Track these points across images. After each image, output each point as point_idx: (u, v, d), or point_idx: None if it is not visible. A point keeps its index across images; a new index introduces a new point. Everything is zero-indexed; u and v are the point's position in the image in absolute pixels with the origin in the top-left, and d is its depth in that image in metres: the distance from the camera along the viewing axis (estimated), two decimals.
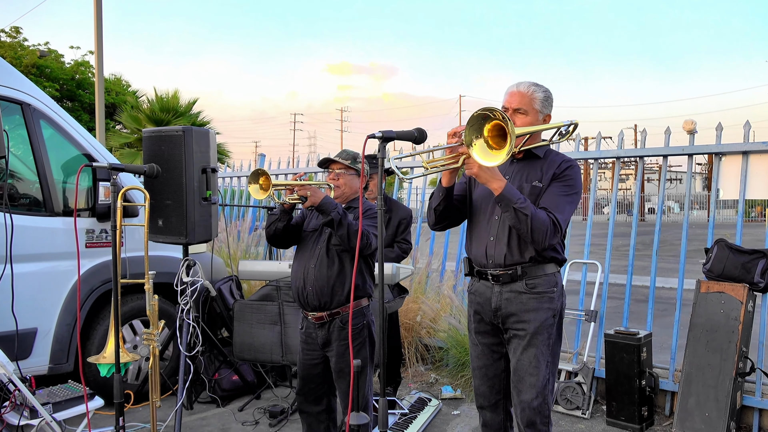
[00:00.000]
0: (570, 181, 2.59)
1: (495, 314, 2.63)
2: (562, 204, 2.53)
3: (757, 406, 4.00)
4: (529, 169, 2.63)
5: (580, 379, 4.43)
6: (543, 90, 2.66)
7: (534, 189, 2.57)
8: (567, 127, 2.65)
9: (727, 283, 3.99)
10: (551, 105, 2.70)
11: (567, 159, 2.65)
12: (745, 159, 4.28)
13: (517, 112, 2.62)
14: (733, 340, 3.87)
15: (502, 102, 2.68)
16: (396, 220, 4.51)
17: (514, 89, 2.66)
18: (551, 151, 2.71)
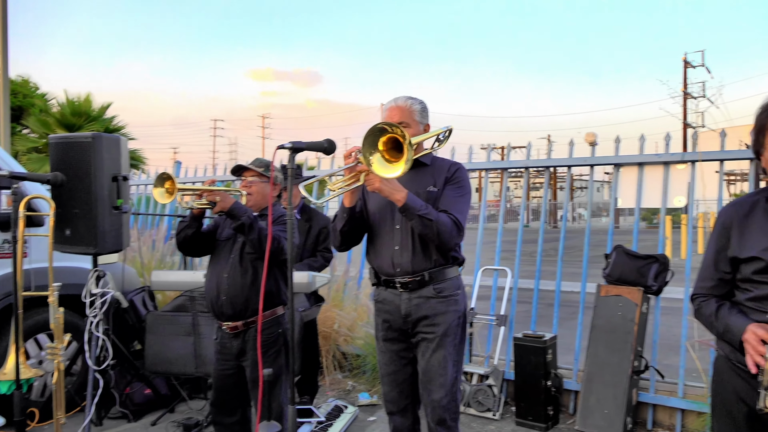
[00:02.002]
0: (461, 182, 2.75)
1: (405, 320, 2.71)
2: (459, 204, 2.67)
3: (651, 401, 4.27)
4: (420, 177, 2.74)
5: (491, 382, 4.59)
6: (419, 102, 2.81)
7: (430, 194, 2.68)
8: (444, 134, 2.80)
9: (624, 286, 4.25)
10: (428, 115, 2.85)
11: (454, 162, 2.82)
12: (640, 170, 4.58)
13: (399, 125, 2.73)
14: (629, 341, 4.13)
15: (384, 118, 2.78)
16: (317, 228, 4.55)
17: (392, 105, 2.78)
18: (436, 157, 2.86)
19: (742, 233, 1.95)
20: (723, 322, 1.93)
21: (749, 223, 1.95)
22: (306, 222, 4.57)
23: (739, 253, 1.93)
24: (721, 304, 1.99)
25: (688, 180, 4.41)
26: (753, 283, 1.90)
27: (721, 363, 2.05)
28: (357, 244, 2.92)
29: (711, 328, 2.02)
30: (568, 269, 5.29)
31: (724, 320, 1.93)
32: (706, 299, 2.05)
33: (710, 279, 2.06)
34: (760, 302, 1.87)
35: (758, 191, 2.04)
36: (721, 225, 2.04)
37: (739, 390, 1.93)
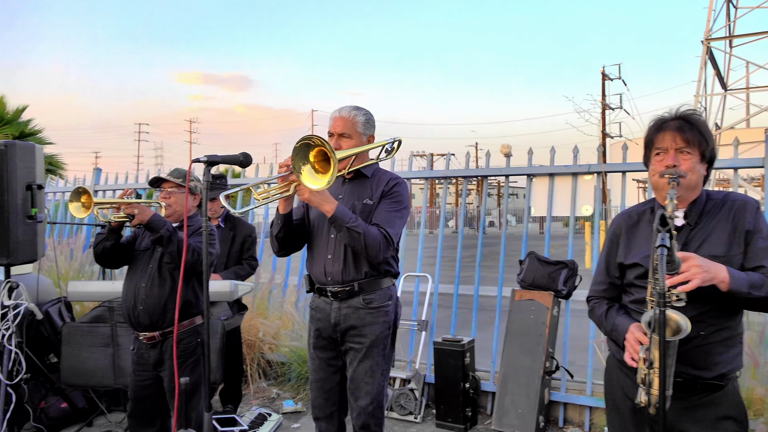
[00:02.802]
0: (398, 197, 2.79)
1: (334, 329, 2.78)
2: (393, 219, 2.72)
3: (562, 400, 4.50)
4: (360, 188, 2.80)
5: (412, 386, 4.72)
6: (364, 113, 2.84)
7: (365, 207, 2.74)
8: (392, 144, 2.88)
9: (537, 291, 4.48)
10: (373, 126, 2.89)
11: (394, 176, 2.85)
12: (551, 180, 4.84)
13: (342, 136, 2.78)
14: (542, 343, 4.35)
15: (328, 127, 2.86)
16: (241, 237, 4.59)
17: (336, 115, 2.83)
18: (379, 170, 2.91)
19: (628, 241, 2.14)
20: (611, 322, 2.12)
21: (635, 232, 2.14)
22: (230, 231, 4.59)
23: (625, 259, 2.12)
24: (611, 306, 2.18)
25: (612, 188, 4.70)
26: (635, 287, 2.09)
27: (610, 361, 2.23)
28: (297, 250, 2.96)
29: (601, 327, 2.21)
30: (491, 274, 5.49)
31: (612, 320, 2.12)
32: (598, 301, 2.24)
33: (602, 283, 2.24)
34: (640, 304, 2.05)
35: (646, 202, 2.23)
36: (612, 233, 2.23)
37: (624, 386, 2.11)
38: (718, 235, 1.98)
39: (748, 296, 1.83)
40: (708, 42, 22.79)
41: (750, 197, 2.05)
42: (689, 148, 1.99)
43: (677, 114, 2.06)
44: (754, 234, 1.96)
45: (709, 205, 2.04)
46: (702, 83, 23.47)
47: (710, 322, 1.92)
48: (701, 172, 2.03)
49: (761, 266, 1.92)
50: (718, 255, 1.91)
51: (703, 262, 1.78)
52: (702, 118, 2.06)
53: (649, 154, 2.09)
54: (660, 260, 1.56)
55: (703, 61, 22.87)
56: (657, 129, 2.05)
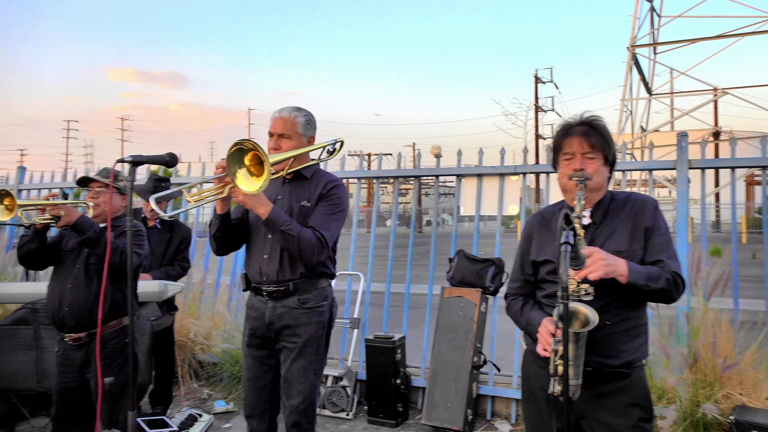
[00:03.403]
0: (336, 199, 2.81)
1: (269, 328, 2.79)
2: (329, 222, 2.75)
3: (490, 393, 4.65)
4: (299, 190, 2.82)
5: (345, 383, 4.77)
6: (305, 114, 2.86)
7: (303, 209, 2.76)
8: (333, 145, 2.90)
9: (465, 288, 4.61)
10: (314, 127, 2.91)
11: (333, 179, 2.87)
12: (479, 181, 4.98)
13: (281, 137, 2.80)
14: (470, 338, 4.48)
15: (269, 128, 2.87)
16: (177, 239, 4.58)
17: (277, 115, 2.83)
18: (319, 171, 2.92)
19: (540, 240, 2.26)
20: (526, 317, 2.23)
21: (547, 231, 2.26)
22: (167, 232, 4.56)
23: (537, 257, 2.24)
24: (526, 302, 2.30)
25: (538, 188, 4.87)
26: (547, 282, 2.21)
27: (527, 355, 2.34)
28: (236, 249, 2.96)
29: (518, 322, 2.32)
30: (424, 273, 5.59)
31: (526, 315, 2.23)
32: (514, 298, 2.35)
33: (518, 280, 2.35)
34: (551, 299, 2.17)
35: (557, 203, 2.36)
36: (525, 233, 2.35)
37: (539, 378, 2.21)
38: (621, 232, 2.12)
39: (645, 288, 1.98)
40: (633, 48, 23.76)
41: (649, 197, 2.21)
42: (594, 153, 2.13)
43: (582, 120, 2.19)
44: (653, 230, 2.11)
45: (612, 205, 2.19)
46: (628, 88, 24.45)
47: (614, 312, 2.05)
48: (605, 174, 2.18)
49: (659, 260, 2.07)
50: (621, 250, 2.05)
51: (606, 256, 1.91)
52: (604, 123, 2.19)
53: (558, 158, 2.21)
54: (564, 256, 1.66)
55: (628, 67, 23.84)
56: (564, 134, 2.18)
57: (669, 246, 2.12)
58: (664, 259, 2.07)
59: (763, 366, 3.87)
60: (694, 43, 24.90)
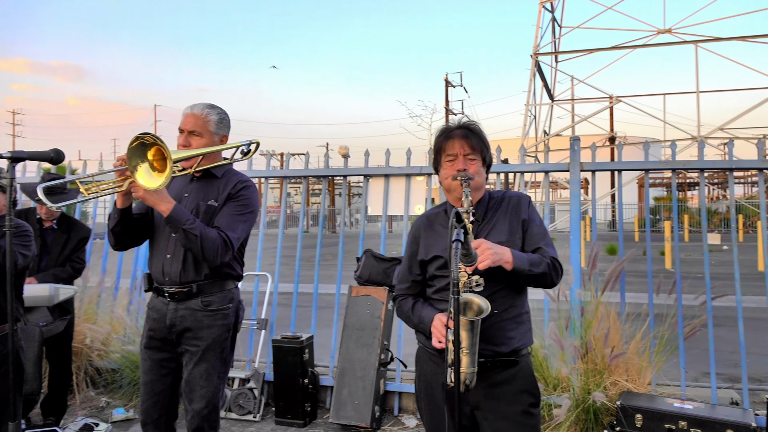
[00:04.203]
0: (245, 200, 2.75)
1: (170, 330, 2.71)
2: (235, 223, 2.69)
3: (397, 390, 4.72)
4: (207, 189, 2.75)
5: (252, 385, 4.71)
6: (218, 112, 2.80)
7: (209, 208, 2.70)
8: (248, 146, 2.85)
9: (372, 287, 4.66)
10: (228, 126, 2.85)
11: (243, 179, 2.81)
12: (386, 181, 5.06)
13: (192, 134, 2.73)
14: (377, 336, 4.54)
15: (179, 124, 2.79)
16: (75, 240, 4.41)
17: (188, 111, 2.76)
18: (231, 170, 2.86)
19: (427, 240, 2.34)
20: (417, 315, 2.30)
21: (433, 231, 2.35)
22: (64, 233, 4.36)
23: (425, 255, 2.31)
24: (416, 300, 2.36)
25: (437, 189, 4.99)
26: (437, 278, 2.29)
27: (420, 353, 2.40)
28: (137, 245, 2.86)
29: (409, 321, 2.38)
30: (333, 272, 5.61)
31: (418, 314, 2.30)
32: (404, 298, 2.41)
33: (406, 281, 2.41)
34: (441, 293, 2.26)
35: (440, 205, 2.47)
36: (412, 236, 2.42)
37: (435, 373, 2.27)
38: (501, 226, 2.27)
39: (529, 273, 2.12)
40: (536, 56, 24.80)
41: (523, 193, 2.40)
42: (474, 155, 2.27)
43: (461, 124, 2.33)
44: (530, 222, 2.28)
45: (491, 203, 2.34)
46: (532, 93, 25.50)
47: (501, 300, 2.16)
48: (484, 174, 2.32)
49: (539, 248, 2.24)
50: (503, 241, 2.19)
51: (492, 245, 2.05)
52: (481, 127, 2.34)
53: (440, 160, 2.33)
54: (455, 253, 1.73)
55: (532, 74, 24.88)
56: (445, 137, 2.30)
57: (546, 235, 2.29)
58: (543, 246, 2.24)
59: (646, 354, 4.16)
60: (592, 53, 26.30)
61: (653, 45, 25.94)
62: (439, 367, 2.22)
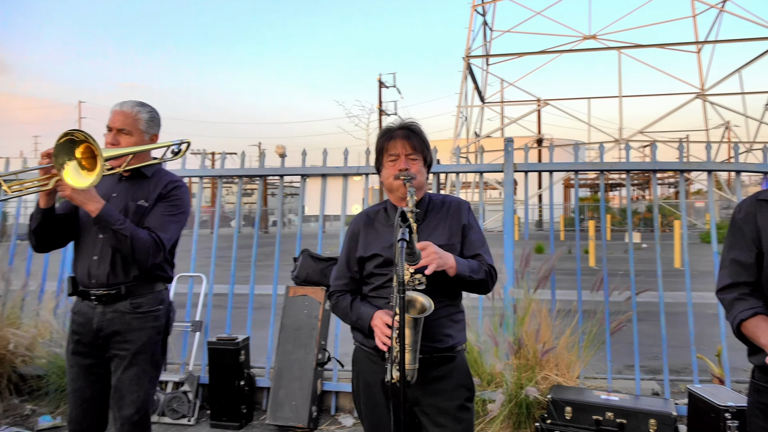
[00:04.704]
0: (176, 200, 2.70)
1: (97, 335, 2.62)
2: (167, 223, 2.63)
3: (334, 389, 4.74)
4: (136, 188, 2.68)
5: (186, 388, 4.62)
6: (149, 110, 2.73)
7: (139, 208, 2.62)
8: (179, 146, 2.79)
9: (310, 287, 4.66)
10: (158, 125, 2.78)
11: (174, 179, 2.76)
12: (324, 181, 5.06)
13: (121, 132, 2.65)
14: (314, 336, 4.54)
15: (107, 122, 2.70)
16: None
17: (117, 109, 2.68)
18: (161, 170, 2.79)
19: (366, 238, 2.37)
20: (356, 312, 2.32)
21: (373, 229, 2.39)
22: None
23: (364, 253, 2.34)
24: (354, 298, 2.38)
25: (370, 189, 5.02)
26: (375, 276, 2.32)
27: (358, 353, 2.41)
28: (60, 246, 2.75)
29: (346, 318, 2.39)
30: (269, 273, 5.56)
31: (356, 311, 2.32)
32: (341, 294, 2.42)
33: (344, 278, 2.43)
34: (379, 290, 2.29)
35: (382, 202, 2.50)
36: (351, 233, 2.45)
37: (373, 372, 2.30)
38: (441, 230, 2.32)
39: (470, 279, 2.19)
40: (468, 59, 25.28)
41: (463, 199, 2.46)
42: (416, 155, 2.32)
43: (403, 124, 2.37)
44: (469, 229, 2.35)
45: (431, 205, 2.39)
46: (464, 95, 25.97)
47: (439, 299, 2.19)
48: (425, 174, 2.38)
49: (478, 254, 2.31)
50: (443, 244, 2.23)
51: (437, 250, 2.09)
52: (421, 127, 2.39)
53: (382, 160, 2.37)
54: (400, 252, 1.77)
55: (464, 76, 25.34)
56: (388, 137, 2.34)
57: (484, 243, 2.37)
58: (482, 253, 2.32)
59: (575, 349, 4.33)
60: (522, 56, 27.04)
61: (579, 50, 26.94)
62: (377, 365, 2.25)
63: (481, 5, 26.64)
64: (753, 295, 1.98)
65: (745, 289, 2.00)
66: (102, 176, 2.30)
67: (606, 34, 27.18)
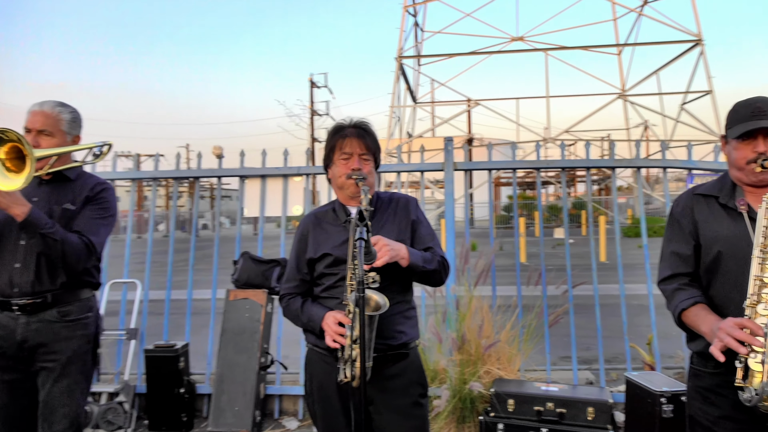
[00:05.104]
0: (105, 203, 2.60)
1: (21, 347, 2.47)
2: (97, 227, 2.53)
3: (278, 392, 4.68)
4: (60, 192, 2.56)
5: (121, 399, 4.45)
6: (70, 111, 2.62)
7: (66, 212, 2.51)
8: (100, 148, 2.68)
9: (251, 290, 4.58)
10: (80, 126, 2.67)
11: (101, 181, 2.66)
12: (263, 181, 4.98)
13: (41, 133, 2.53)
14: (256, 339, 4.46)
15: (24, 122, 2.56)
16: None
17: (37, 109, 2.55)
18: (84, 173, 2.68)
19: (316, 238, 2.35)
20: (307, 314, 2.30)
21: (322, 229, 2.36)
22: None
23: (314, 254, 2.32)
24: (305, 300, 2.36)
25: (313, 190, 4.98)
26: (326, 276, 2.30)
27: (311, 354, 2.39)
28: None
29: (297, 321, 2.37)
30: (205, 277, 5.43)
31: (308, 312, 2.30)
32: (292, 297, 2.39)
33: (294, 280, 2.40)
34: (330, 290, 2.28)
35: (330, 203, 2.48)
36: (300, 234, 2.42)
37: (327, 373, 2.27)
38: (390, 226, 2.34)
39: (423, 269, 2.21)
40: (400, 59, 25.48)
41: (410, 196, 2.47)
42: (368, 155, 2.32)
43: (355, 123, 2.36)
44: (418, 224, 2.38)
45: (380, 203, 2.40)
46: (396, 95, 26.15)
47: (392, 296, 2.18)
48: (375, 175, 2.38)
49: (429, 247, 2.33)
50: (393, 239, 2.22)
51: (389, 242, 2.10)
52: (373, 128, 2.39)
53: (333, 157, 2.35)
54: (359, 250, 1.76)
55: (396, 76, 25.52)
56: (340, 135, 2.33)
57: (434, 236, 2.39)
58: (433, 246, 2.34)
59: (515, 343, 4.43)
60: (452, 57, 27.48)
61: (507, 51, 27.62)
62: (331, 366, 2.23)
63: (412, 6, 26.91)
64: (692, 285, 2.08)
65: (685, 280, 2.09)
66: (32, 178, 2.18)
67: (533, 36, 27.99)
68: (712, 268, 2.04)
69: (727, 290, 1.99)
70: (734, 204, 2.03)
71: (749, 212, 1.99)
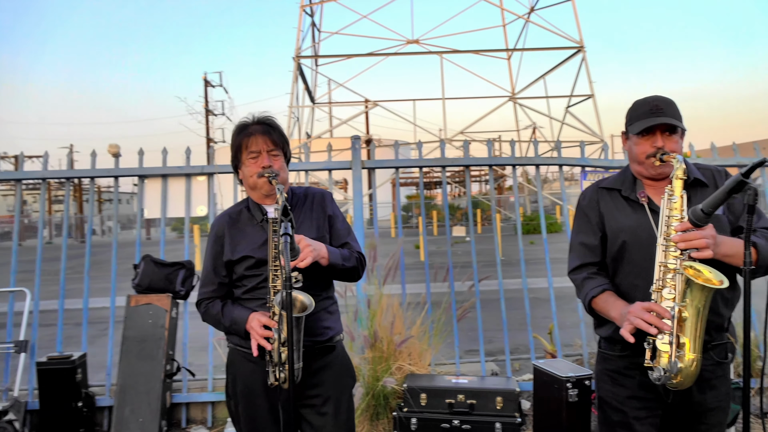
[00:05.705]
0: None
1: None
2: None
3: (185, 400, 4.51)
4: None
5: (11, 417, 4.12)
6: None
7: None
8: None
9: (154, 294, 4.37)
10: None
11: None
12: (164, 182, 4.78)
13: None
14: (161, 346, 4.27)
15: None
16: None
17: None
18: None
19: (232, 239, 2.28)
20: (229, 318, 2.23)
21: (237, 230, 2.29)
22: None
23: (232, 256, 2.25)
24: (225, 303, 2.29)
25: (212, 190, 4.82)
26: (247, 278, 2.25)
27: (233, 355, 2.33)
28: None
29: (219, 325, 2.30)
30: (99, 284, 5.13)
31: (229, 316, 2.23)
32: (211, 301, 2.31)
33: (212, 284, 2.33)
34: (252, 292, 2.23)
35: (242, 201, 2.41)
36: (214, 235, 2.34)
37: (252, 372, 2.22)
38: (308, 223, 2.31)
39: (342, 267, 2.22)
40: (298, 59, 25.24)
41: (325, 190, 2.45)
42: (277, 150, 2.26)
43: (259, 119, 2.29)
44: (335, 219, 2.37)
45: (295, 199, 2.35)
46: (295, 96, 25.87)
47: (316, 293, 2.17)
48: (287, 170, 2.33)
49: (346, 243, 2.34)
50: (314, 238, 2.20)
51: (311, 242, 2.08)
52: (278, 122, 2.34)
53: (241, 157, 2.27)
54: (284, 247, 1.72)
55: (294, 76, 25.23)
56: (246, 134, 2.25)
57: (350, 231, 2.39)
58: (350, 241, 2.35)
59: (425, 338, 4.51)
60: (350, 58, 27.54)
61: (403, 54, 28.01)
62: (257, 365, 2.18)
63: (309, 6, 26.72)
64: (600, 274, 2.20)
65: (593, 269, 2.21)
66: None
67: (428, 39, 28.53)
68: (618, 257, 2.16)
69: (632, 277, 2.12)
70: (635, 196, 2.16)
71: (649, 203, 2.12)
